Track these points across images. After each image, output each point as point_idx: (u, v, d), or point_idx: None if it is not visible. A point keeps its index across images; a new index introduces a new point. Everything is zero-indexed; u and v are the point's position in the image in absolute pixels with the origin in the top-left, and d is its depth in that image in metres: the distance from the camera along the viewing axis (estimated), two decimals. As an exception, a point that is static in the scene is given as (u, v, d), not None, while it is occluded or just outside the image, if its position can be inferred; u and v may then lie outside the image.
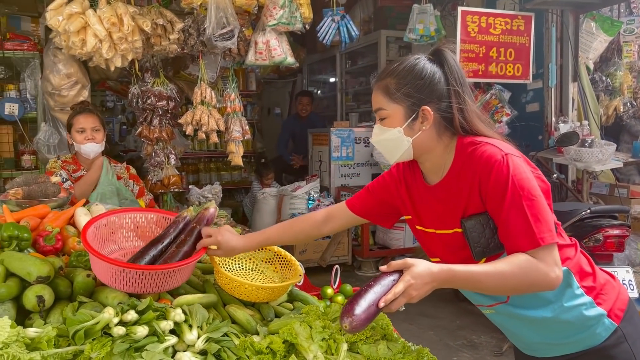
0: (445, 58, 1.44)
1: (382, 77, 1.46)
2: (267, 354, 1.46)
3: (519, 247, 1.31)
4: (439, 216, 1.50)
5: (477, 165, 1.36)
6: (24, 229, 1.79)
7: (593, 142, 4.19)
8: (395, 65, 1.46)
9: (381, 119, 1.47)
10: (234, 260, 1.95)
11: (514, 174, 1.31)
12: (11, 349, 1.27)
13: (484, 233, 1.39)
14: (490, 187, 1.34)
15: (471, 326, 4.21)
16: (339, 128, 6.02)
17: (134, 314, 1.44)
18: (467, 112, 1.43)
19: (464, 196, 1.41)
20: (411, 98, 1.41)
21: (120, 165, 3.20)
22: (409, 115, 1.42)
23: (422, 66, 1.43)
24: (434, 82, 1.42)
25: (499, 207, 1.33)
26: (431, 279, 1.27)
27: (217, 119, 4.03)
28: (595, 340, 1.44)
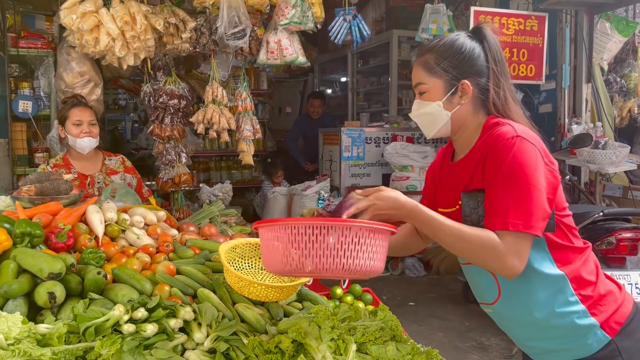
0: (485, 35, 1.47)
1: (423, 53, 1.48)
2: (275, 353, 1.46)
3: (490, 225, 1.33)
4: (448, 192, 1.52)
5: (488, 141, 1.38)
6: (36, 225, 1.80)
7: (606, 143, 4.15)
8: (435, 41, 1.48)
9: (420, 94, 1.49)
10: (244, 259, 1.95)
11: (514, 155, 1.31)
12: (22, 344, 1.29)
13: (477, 210, 1.40)
14: (489, 161, 1.36)
15: (481, 328, 4.19)
16: (349, 128, 6.01)
17: (144, 311, 1.45)
18: (504, 91, 1.45)
19: (469, 172, 1.43)
20: (451, 72, 1.43)
21: (115, 158, 3.17)
22: (448, 89, 1.44)
23: (462, 42, 1.45)
24: (473, 57, 1.44)
25: (490, 182, 1.35)
26: (396, 204, 1.36)
27: (228, 117, 4.03)
28: (586, 351, 1.41)
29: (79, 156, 2.99)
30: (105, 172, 3.07)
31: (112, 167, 3.10)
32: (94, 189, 2.98)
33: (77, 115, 2.92)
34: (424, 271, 5.72)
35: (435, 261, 5.49)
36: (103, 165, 3.08)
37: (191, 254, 2.01)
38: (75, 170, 2.97)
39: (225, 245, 1.86)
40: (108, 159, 3.12)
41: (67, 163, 3.00)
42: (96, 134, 2.97)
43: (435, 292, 5.16)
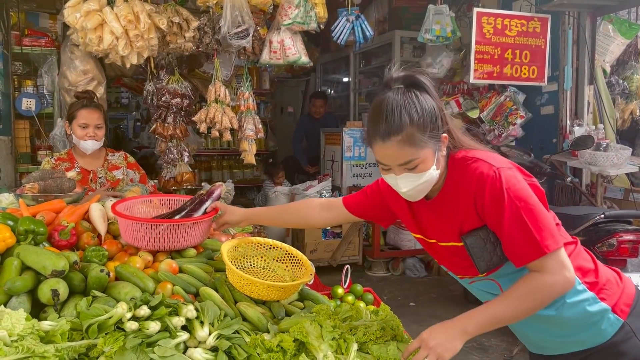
0: (425, 84, 1.41)
1: (397, 131, 1.35)
2: (277, 352, 1.47)
3: (525, 259, 1.35)
4: (439, 229, 1.53)
5: (471, 181, 1.39)
6: (39, 223, 1.81)
7: (608, 145, 4.15)
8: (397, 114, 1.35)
9: (411, 168, 1.40)
10: (246, 258, 1.96)
11: (507, 187, 1.34)
12: (26, 341, 1.30)
13: (486, 247, 1.41)
14: (487, 203, 1.37)
15: (481, 329, 4.19)
16: (351, 128, 6.02)
17: (147, 309, 1.46)
18: (452, 127, 1.47)
19: (460, 212, 1.44)
20: (435, 135, 1.39)
21: (117, 154, 3.17)
22: (436, 150, 1.41)
23: (425, 102, 1.38)
24: (437, 110, 1.41)
25: (499, 222, 1.36)
26: (451, 337, 1.36)
27: (230, 117, 4.05)
28: (602, 337, 1.44)
29: (83, 153, 3.01)
30: (107, 167, 3.09)
31: (114, 162, 3.11)
32: (97, 184, 3.01)
33: (85, 118, 2.90)
34: (425, 272, 5.73)
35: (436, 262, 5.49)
36: (105, 161, 3.10)
37: (193, 253, 2.02)
38: (79, 165, 3.00)
39: (227, 244, 1.87)
40: (111, 154, 3.14)
41: (72, 158, 3.03)
42: (101, 137, 2.97)
43: (436, 292, 5.17)
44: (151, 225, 1.90)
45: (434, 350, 1.34)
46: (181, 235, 1.94)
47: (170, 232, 1.92)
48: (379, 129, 1.37)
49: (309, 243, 5.53)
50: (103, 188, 2.92)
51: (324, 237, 5.60)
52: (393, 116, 1.36)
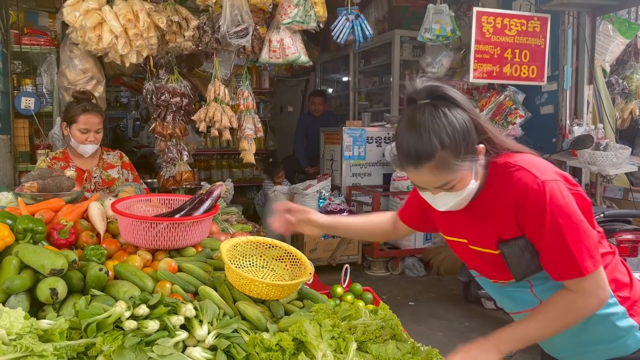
0: (451, 96, 1.34)
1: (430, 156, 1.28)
2: (276, 351, 1.47)
3: (562, 276, 1.33)
4: (475, 234, 1.49)
5: (513, 191, 1.34)
6: (38, 221, 1.81)
7: (608, 145, 4.15)
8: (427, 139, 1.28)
9: (449, 189, 1.35)
10: (245, 257, 1.95)
11: (550, 202, 1.29)
12: (24, 340, 1.29)
13: (523, 257, 1.38)
14: (528, 216, 1.32)
15: (480, 328, 4.19)
16: (351, 127, 6.02)
17: (146, 308, 1.46)
18: (490, 131, 1.40)
19: (499, 220, 1.39)
20: (469, 152, 1.32)
21: (113, 153, 3.17)
22: (473, 164, 1.35)
23: (454, 119, 1.30)
24: (470, 123, 1.33)
25: (539, 236, 1.32)
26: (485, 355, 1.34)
27: (230, 116, 4.04)
28: (623, 351, 1.42)
29: (78, 155, 3.01)
30: (102, 166, 3.09)
31: (109, 161, 3.11)
32: (91, 184, 3.00)
33: (85, 123, 2.89)
34: (424, 271, 5.72)
35: (436, 261, 5.49)
36: (100, 160, 3.10)
37: (193, 252, 2.02)
38: (74, 165, 3.00)
39: (226, 243, 1.86)
40: (106, 153, 3.14)
41: (67, 157, 3.02)
42: (100, 140, 2.97)
43: (435, 292, 5.16)
44: (151, 224, 1.90)
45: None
46: (181, 234, 1.94)
47: (169, 231, 1.92)
48: (409, 155, 1.31)
49: (308, 242, 5.53)
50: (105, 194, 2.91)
51: (323, 237, 5.60)
52: (422, 142, 1.28)
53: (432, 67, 5.38)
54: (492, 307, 4.43)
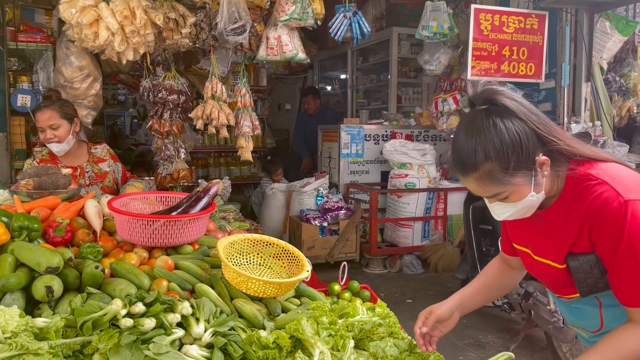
0: (507, 105, 1.27)
1: (475, 167, 1.25)
2: (273, 349, 1.46)
3: (629, 303, 1.27)
4: (541, 244, 1.43)
5: (591, 207, 1.27)
6: (34, 219, 1.80)
7: (605, 143, 4.15)
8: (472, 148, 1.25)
9: (502, 199, 1.31)
10: (242, 255, 1.95)
11: (630, 226, 1.21)
12: (20, 338, 1.28)
13: (592, 274, 1.32)
14: (603, 235, 1.26)
15: (478, 326, 4.20)
16: (348, 125, 6.01)
17: (142, 306, 1.45)
18: (559, 137, 1.30)
19: (572, 234, 1.33)
20: (522, 165, 1.25)
21: (100, 147, 3.15)
22: (530, 178, 1.27)
23: (504, 130, 1.24)
24: (525, 135, 1.25)
25: (611, 258, 1.26)
26: None
27: (227, 113, 4.03)
28: None
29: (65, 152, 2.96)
30: (93, 160, 3.08)
31: (98, 155, 3.10)
32: (85, 179, 2.98)
33: (38, 122, 2.83)
34: (422, 269, 5.73)
35: (433, 259, 5.50)
36: (90, 155, 3.09)
37: (189, 250, 2.01)
38: (62, 165, 2.96)
39: (223, 241, 1.86)
40: (93, 148, 3.13)
41: (54, 157, 2.97)
42: (63, 136, 2.86)
43: (433, 289, 5.17)
44: (147, 221, 1.89)
45: None
46: (177, 231, 1.93)
47: (166, 229, 1.91)
48: (456, 162, 1.29)
49: (306, 240, 5.52)
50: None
51: (321, 235, 5.60)
52: (467, 149, 1.25)
53: (429, 64, 5.37)
54: (489, 305, 4.43)
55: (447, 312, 1.53)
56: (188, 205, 2.06)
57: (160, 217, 1.92)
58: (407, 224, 5.73)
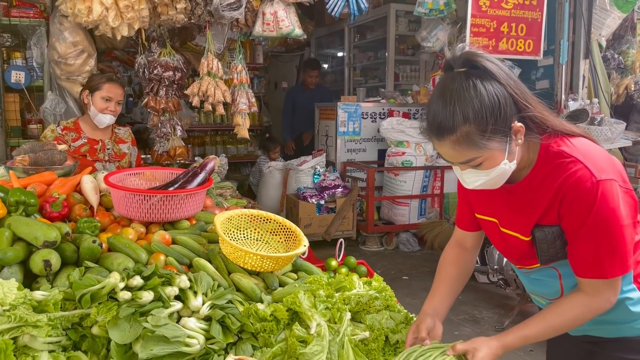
0: (487, 67, 1.25)
1: (451, 130, 1.23)
2: (270, 321, 1.47)
3: (585, 274, 1.31)
4: (509, 216, 1.44)
5: (564, 184, 1.28)
6: (30, 194, 1.80)
7: (602, 120, 4.15)
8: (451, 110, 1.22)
9: (476, 165, 1.30)
10: (239, 230, 1.95)
11: (600, 204, 1.24)
12: (18, 310, 1.29)
13: (554, 245, 1.35)
14: (572, 211, 1.28)
15: (473, 302, 4.24)
16: (345, 102, 5.98)
17: (140, 279, 1.46)
18: (534, 106, 1.30)
19: (541, 208, 1.34)
20: (499, 130, 1.23)
21: (124, 129, 3.23)
22: (505, 144, 1.26)
23: (484, 92, 1.22)
24: (505, 98, 1.24)
25: (576, 232, 1.29)
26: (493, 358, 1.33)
27: (223, 90, 4.00)
28: (632, 332, 1.42)
29: (92, 125, 3.01)
30: (115, 140, 3.13)
31: (121, 136, 3.16)
32: (105, 154, 3.02)
33: (110, 92, 2.92)
34: (418, 246, 5.76)
35: (429, 236, 5.53)
36: (113, 134, 3.14)
37: (187, 225, 2.02)
38: (86, 136, 3.01)
39: (220, 216, 1.86)
40: (117, 128, 3.19)
41: (78, 128, 3.03)
42: (118, 113, 3.00)
43: (429, 266, 5.21)
44: (144, 196, 1.89)
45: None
46: (174, 206, 1.94)
47: (163, 204, 1.91)
48: (432, 125, 1.26)
49: (303, 218, 5.54)
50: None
51: (318, 212, 5.61)
52: (445, 113, 1.22)
53: (427, 41, 5.32)
54: (485, 282, 4.48)
55: (431, 323, 1.50)
56: (185, 181, 2.06)
57: (157, 192, 1.92)
58: (403, 201, 5.75)
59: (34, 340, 1.29)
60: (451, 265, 1.66)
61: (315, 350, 1.34)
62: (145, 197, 1.89)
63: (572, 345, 1.58)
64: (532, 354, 3.32)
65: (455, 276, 1.65)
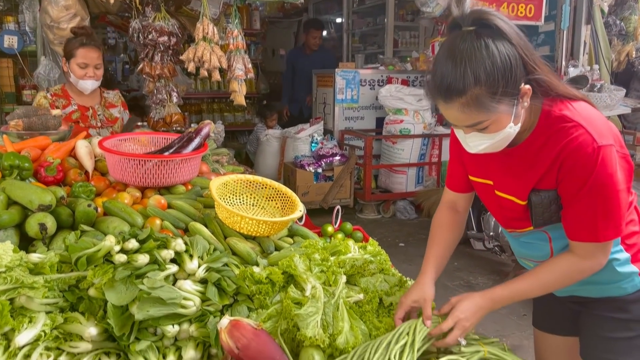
0: (499, 26, 1.20)
1: (458, 92, 1.19)
2: (266, 284, 1.49)
3: (578, 237, 1.32)
4: (506, 179, 1.43)
5: (565, 149, 1.26)
6: (24, 158, 1.79)
7: (602, 86, 4.11)
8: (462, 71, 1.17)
9: (481, 129, 1.26)
10: (235, 195, 1.95)
11: (598, 171, 1.23)
12: (14, 272, 1.30)
13: (549, 209, 1.36)
14: (571, 176, 1.28)
15: (469, 268, 4.29)
16: (344, 69, 5.91)
17: (135, 242, 1.46)
18: (542, 68, 1.26)
19: (540, 172, 1.33)
20: (509, 92, 1.20)
21: (112, 92, 3.14)
22: (512, 107, 1.23)
23: (496, 52, 1.18)
24: (515, 60, 1.20)
25: (572, 196, 1.29)
26: (477, 309, 1.36)
27: (219, 56, 3.94)
28: (618, 292, 1.44)
29: (78, 90, 2.94)
30: (105, 105, 3.07)
31: (110, 100, 3.10)
32: (97, 121, 2.98)
33: (84, 57, 2.81)
34: (415, 214, 5.79)
35: (427, 204, 5.54)
36: (102, 99, 3.08)
37: (182, 190, 2.01)
38: (75, 102, 2.96)
39: (216, 181, 1.86)
40: (106, 92, 3.12)
41: (67, 95, 2.96)
42: (100, 76, 2.90)
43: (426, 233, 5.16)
44: (139, 161, 1.88)
45: (461, 322, 1.34)
46: (170, 171, 1.93)
47: (158, 169, 1.90)
48: (440, 87, 1.21)
49: (300, 186, 5.54)
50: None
51: (315, 180, 5.62)
52: (455, 74, 1.17)
53: (427, 6, 5.22)
54: (480, 248, 4.52)
55: (433, 291, 1.49)
56: (180, 146, 2.05)
57: (152, 157, 1.91)
58: (401, 170, 5.75)
59: (31, 302, 1.30)
60: (444, 229, 1.65)
61: (310, 311, 1.36)
62: (140, 161, 1.88)
63: (559, 305, 1.61)
64: (525, 318, 3.37)
65: (449, 239, 1.64)
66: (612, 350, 1.45)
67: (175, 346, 1.41)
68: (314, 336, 1.31)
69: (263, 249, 1.76)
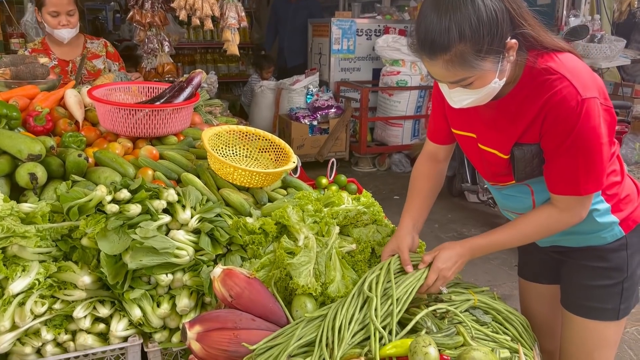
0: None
1: (446, 48, 1.15)
2: (259, 234, 1.49)
3: (559, 190, 1.33)
4: (489, 133, 1.41)
5: (549, 102, 1.24)
6: (12, 107, 1.75)
7: (603, 37, 4.03)
8: (446, 26, 1.13)
9: (466, 85, 1.24)
10: (228, 146, 1.93)
11: (582, 122, 1.21)
12: (6, 221, 1.29)
13: (532, 163, 1.35)
14: (554, 129, 1.26)
15: (462, 220, 4.33)
16: (340, 19, 5.77)
17: (127, 192, 1.45)
18: (529, 26, 1.23)
19: (523, 126, 1.31)
20: (494, 47, 1.16)
21: (97, 42, 3.01)
22: (498, 62, 1.19)
23: (483, 6, 1.13)
24: (502, 14, 1.16)
25: (555, 149, 1.28)
26: (457, 258, 1.39)
27: (211, 3, 3.83)
28: (598, 241, 1.45)
29: (58, 41, 2.81)
30: (87, 56, 2.93)
31: (93, 50, 2.95)
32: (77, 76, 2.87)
33: (54, 5, 2.66)
34: (410, 167, 5.79)
35: (422, 157, 5.54)
36: (84, 49, 2.94)
37: (174, 141, 1.99)
38: (55, 56, 2.84)
39: (208, 132, 1.83)
40: (90, 42, 2.97)
41: (47, 48, 2.84)
42: (75, 23, 2.75)
43: (421, 187, 5.25)
44: (130, 111, 1.85)
45: (442, 273, 1.37)
46: (161, 121, 1.90)
47: (149, 119, 1.87)
48: (424, 42, 1.17)
49: (295, 139, 5.51)
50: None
51: (310, 133, 5.58)
52: (439, 30, 1.13)
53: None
54: (474, 201, 4.54)
55: (411, 241, 1.49)
56: (171, 96, 2.01)
57: (143, 107, 1.88)
58: (397, 122, 5.71)
59: (23, 251, 1.30)
60: (425, 179, 1.65)
61: (302, 260, 1.37)
62: (130, 111, 1.85)
63: (541, 255, 1.63)
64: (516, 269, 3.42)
65: (430, 189, 1.65)
66: (591, 298, 1.48)
67: (169, 294, 1.43)
68: (306, 284, 1.32)
69: (256, 200, 1.76)
